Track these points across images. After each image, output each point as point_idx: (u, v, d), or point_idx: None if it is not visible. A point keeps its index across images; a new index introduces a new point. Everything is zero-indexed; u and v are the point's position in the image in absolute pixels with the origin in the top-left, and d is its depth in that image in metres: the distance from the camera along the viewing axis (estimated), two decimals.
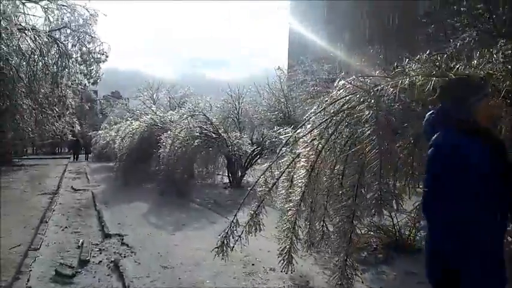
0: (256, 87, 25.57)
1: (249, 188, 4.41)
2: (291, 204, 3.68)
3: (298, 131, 4.06)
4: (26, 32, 17.17)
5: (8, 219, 7.65)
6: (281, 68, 24.99)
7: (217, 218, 7.44)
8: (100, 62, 20.30)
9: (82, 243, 5.76)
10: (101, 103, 47.59)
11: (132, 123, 15.12)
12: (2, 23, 14.18)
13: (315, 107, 4.04)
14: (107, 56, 20.29)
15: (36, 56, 17.49)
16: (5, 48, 14.10)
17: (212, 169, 11.46)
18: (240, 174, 11.59)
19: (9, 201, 10.00)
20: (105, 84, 31.31)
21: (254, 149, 11.71)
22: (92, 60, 19.96)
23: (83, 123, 34.07)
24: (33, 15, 17.26)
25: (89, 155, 31.72)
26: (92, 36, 19.51)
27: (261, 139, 13.36)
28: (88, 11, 18.65)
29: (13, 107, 17.78)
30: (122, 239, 5.95)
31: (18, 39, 15.49)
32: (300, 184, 3.61)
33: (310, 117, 3.97)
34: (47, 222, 7.31)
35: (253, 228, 3.84)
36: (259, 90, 25.45)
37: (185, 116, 11.48)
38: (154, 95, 31.41)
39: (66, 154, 38.84)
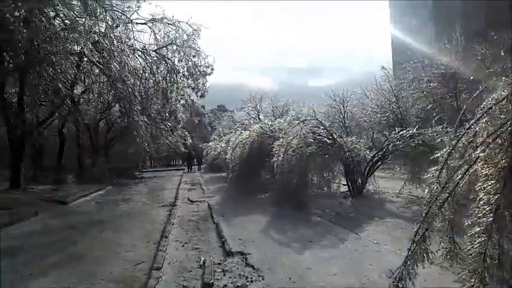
0: (363, 89, 24.34)
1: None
2: (477, 229, 2.72)
3: (469, 129, 3.10)
4: (137, 51, 18.27)
5: (132, 232, 7.88)
6: (385, 67, 23.47)
7: (346, 234, 6.58)
8: (206, 74, 20.78)
9: (204, 263, 5.36)
10: (209, 116, 49.66)
11: (241, 133, 15.00)
12: (115, 42, 15.06)
13: (493, 95, 3.03)
14: (212, 69, 20.74)
15: (147, 74, 18.50)
16: (117, 66, 14.91)
17: (328, 177, 10.61)
18: (360, 182, 10.58)
19: (132, 214, 10.43)
20: (211, 98, 32.47)
21: (374, 154, 10.63)
22: (198, 73, 20.51)
23: (194, 136, 35.64)
24: (141, 31, 18.21)
25: (201, 166, 33.16)
26: (197, 50, 20.06)
27: (372, 143, 12.27)
28: (191, 27, 19.23)
29: (131, 124, 18.99)
30: (246, 258, 5.40)
31: (128, 56, 16.37)
32: (490, 200, 2.65)
33: (489, 109, 2.98)
34: (167, 237, 7.16)
35: (421, 257, 2.93)
36: (365, 92, 24.16)
37: (297, 122, 10.87)
38: (258, 106, 31.78)
39: (180, 166, 41.06)
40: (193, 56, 20.21)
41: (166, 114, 22.38)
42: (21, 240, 7.39)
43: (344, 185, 11.18)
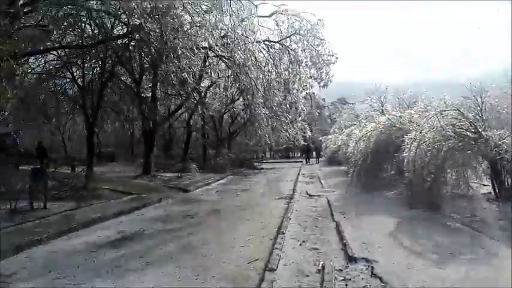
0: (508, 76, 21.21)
1: None
2: None
3: None
4: (261, 44, 18.23)
5: (249, 225, 7.73)
6: None
7: (498, 247, 5.36)
8: (330, 63, 19.90)
9: (323, 267, 4.76)
10: (329, 109, 48.74)
11: (366, 125, 13.98)
12: (239, 32, 15.11)
13: None
14: (336, 58, 19.77)
15: (269, 66, 18.42)
16: (242, 56, 14.94)
17: (468, 176, 9.09)
18: (509, 183, 8.88)
19: (250, 205, 10.39)
20: (332, 92, 31.63)
21: None
22: (321, 62, 19.76)
23: (313, 129, 35.17)
24: (265, 20, 18.10)
25: (320, 159, 32.67)
26: (321, 39, 19.30)
27: None
28: (315, 16, 18.59)
29: (253, 116, 19.20)
30: (372, 267, 4.65)
31: (253, 44, 16.29)
32: None
33: None
34: (283, 233, 6.74)
35: None
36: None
37: (432, 113, 9.57)
38: (382, 97, 30.14)
39: (298, 158, 41.00)
40: (317, 45, 19.54)
41: (287, 106, 22.16)
42: (145, 225, 7.72)
43: (485, 185, 9.59)
